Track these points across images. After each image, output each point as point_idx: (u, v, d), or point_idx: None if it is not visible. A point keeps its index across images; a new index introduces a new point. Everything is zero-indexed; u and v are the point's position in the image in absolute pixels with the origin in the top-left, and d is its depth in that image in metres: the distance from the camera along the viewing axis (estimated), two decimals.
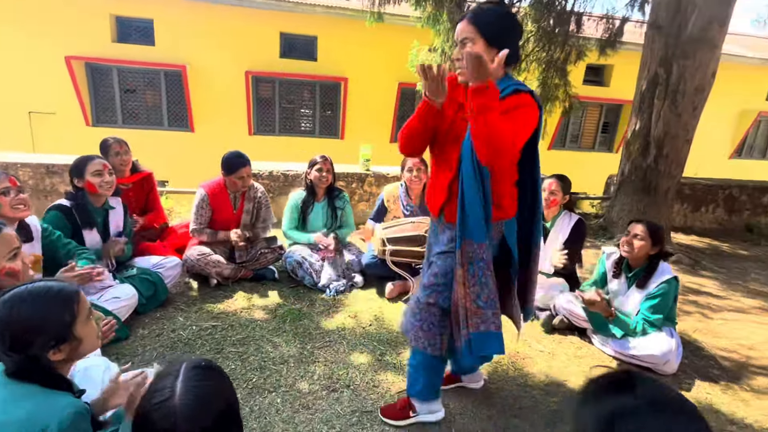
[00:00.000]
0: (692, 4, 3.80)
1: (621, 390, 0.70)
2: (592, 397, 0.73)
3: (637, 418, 0.65)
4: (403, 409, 1.81)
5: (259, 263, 3.03)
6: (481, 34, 1.44)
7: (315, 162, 3.15)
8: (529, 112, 1.46)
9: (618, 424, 0.65)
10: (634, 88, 4.35)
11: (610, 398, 0.69)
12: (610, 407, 0.68)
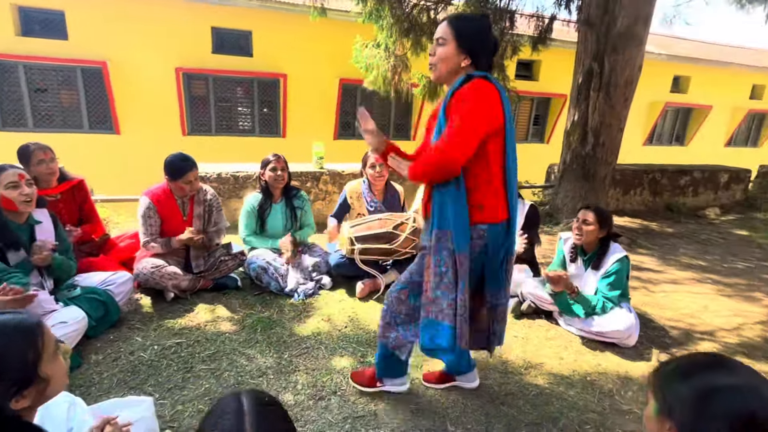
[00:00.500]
0: (619, 4, 4.11)
1: (713, 368, 0.80)
2: (684, 376, 0.82)
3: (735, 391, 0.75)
4: (371, 378, 1.93)
5: (219, 272, 2.84)
6: (455, 38, 1.53)
7: (268, 161, 3.01)
8: (478, 96, 1.46)
9: (714, 397, 0.76)
10: (561, 82, 4.65)
11: (705, 375, 0.79)
12: (707, 383, 0.78)
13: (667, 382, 0.84)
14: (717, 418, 0.74)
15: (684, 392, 0.79)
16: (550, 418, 1.86)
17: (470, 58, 1.53)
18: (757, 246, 4.71)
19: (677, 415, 0.79)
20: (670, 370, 0.85)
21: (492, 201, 1.57)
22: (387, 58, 6.20)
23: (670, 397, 0.81)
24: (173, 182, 2.63)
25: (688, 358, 0.89)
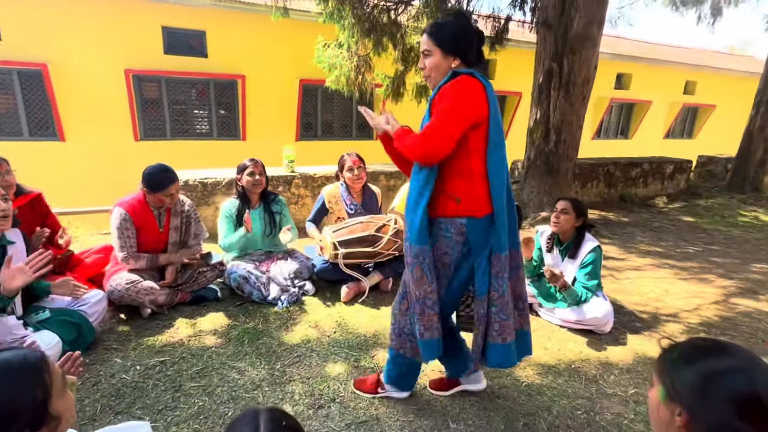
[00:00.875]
0: (575, 7, 4.31)
1: (714, 352, 0.84)
2: (688, 362, 0.84)
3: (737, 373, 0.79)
4: (373, 384, 1.95)
5: (198, 284, 2.74)
6: (438, 46, 1.59)
7: (245, 166, 2.93)
8: (461, 90, 1.49)
9: (719, 381, 0.79)
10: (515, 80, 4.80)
11: (708, 360, 0.83)
12: (711, 367, 0.81)
13: (673, 369, 0.87)
14: (723, 399, 0.78)
15: (690, 378, 0.83)
16: (544, 407, 1.93)
17: (458, 58, 1.58)
18: (702, 231, 5.11)
19: (686, 400, 0.82)
20: (674, 358, 0.89)
21: (472, 194, 1.57)
22: (350, 58, 6.19)
23: (677, 384, 0.85)
24: (153, 194, 2.51)
25: (690, 344, 0.92)
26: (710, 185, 7.33)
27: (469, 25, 1.60)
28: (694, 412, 0.81)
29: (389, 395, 1.93)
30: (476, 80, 1.52)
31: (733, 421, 0.76)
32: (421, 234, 1.56)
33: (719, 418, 0.78)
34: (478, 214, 1.57)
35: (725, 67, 14.21)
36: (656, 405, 0.90)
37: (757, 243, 4.72)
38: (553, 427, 1.82)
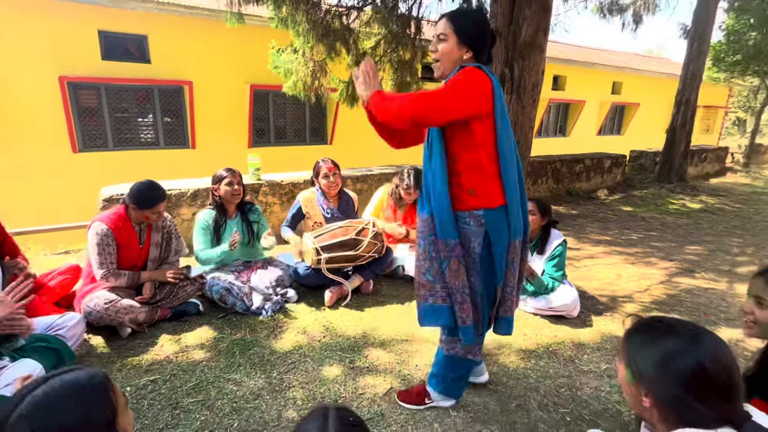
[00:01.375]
0: (522, 16, 4.61)
1: (664, 334, 0.94)
2: (644, 346, 0.95)
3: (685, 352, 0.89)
4: (419, 395, 1.94)
5: (178, 299, 2.67)
6: (455, 32, 1.58)
7: (222, 176, 2.90)
8: (466, 79, 1.51)
9: (671, 362, 0.90)
10: None
11: (659, 343, 0.93)
12: (662, 350, 0.92)
13: (633, 354, 0.97)
14: (676, 379, 0.88)
15: (647, 362, 0.93)
16: (532, 388, 2.10)
17: (471, 50, 1.58)
18: (641, 219, 5.63)
19: (646, 382, 0.93)
20: (634, 343, 0.99)
21: (486, 186, 1.60)
22: (306, 63, 6.19)
23: (637, 367, 0.95)
24: (140, 211, 2.43)
25: (647, 327, 1.00)
26: (642, 177, 8.06)
27: (487, 24, 1.62)
28: (655, 393, 0.92)
29: (436, 404, 1.93)
30: (484, 73, 1.54)
31: (687, 396, 0.87)
32: (452, 228, 1.60)
33: (680, 398, 0.88)
34: (493, 204, 1.61)
35: (646, 68, 15.59)
36: (625, 384, 1.00)
37: (687, 227, 5.28)
38: (542, 406, 1.98)
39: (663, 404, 0.92)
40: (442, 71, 1.64)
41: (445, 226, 1.60)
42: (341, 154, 10.28)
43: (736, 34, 9.26)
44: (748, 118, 26.62)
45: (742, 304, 1.41)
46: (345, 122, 10.27)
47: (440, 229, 1.61)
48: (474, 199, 1.61)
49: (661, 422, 0.95)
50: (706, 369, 0.87)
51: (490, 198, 1.61)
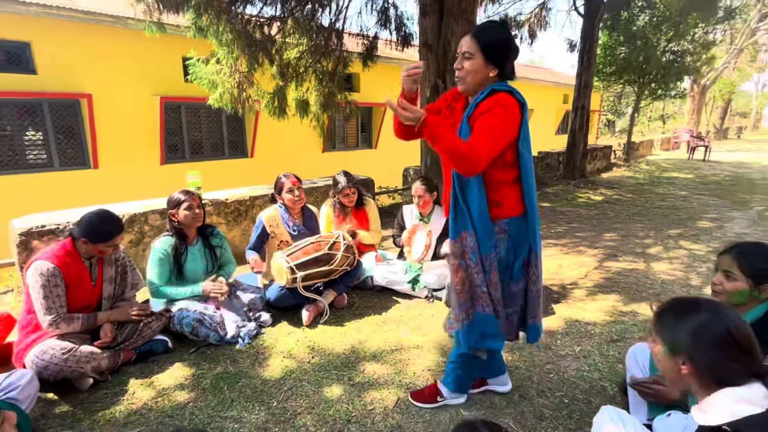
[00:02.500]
0: (451, 31, 4.91)
1: (693, 309, 1.12)
2: (678, 322, 1.12)
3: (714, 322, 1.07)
4: (431, 395, 2.02)
5: (143, 337, 2.39)
6: (481, 51, 1.58)
7: (179, 200, 2.67)
8: (505, 110, 1.55)
9: (704, 331, 1.07)
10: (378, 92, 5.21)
11: (690, 317, 1.10)
12: (694, 322, 1.09)
13: (667, 331, 1.14)
14: (709, 343, 1.07)
15: (683, 334, 1.10)
16: (526, 378, 2.26)
17: (497, 68, 1.60)
18: (560, 213, 6.27)
19: (684, 350, 1.10)
20: (667, 321, 1.16)
21: (509, 197, 1.69)
22: (231, 74, 5.93)
23: (674, 340, 1.12)
24: (93, 245, 2.12)
25: (673, 307, 1.18)
26: (550, 175, 8.97)
27: (512, 39, 1.62)
28: (693, 359, 1.08)
29: (447, 402, 2.01)
30: (515, 100, 1.58)
31: (723, 359, 1.05)
32: (491, 244, 1.68)
33: (714, 360, 1.06)
34: (516, 213, 1.70)
35: (536, 77, 17.38)
36: (661, 357, 1.16)
37: (598, 218, 6.01)
38: (540, 393, 2.14)
39: (701, 369, 1.08)
40: (465, 88, 1.66)
41: (485, 242, 1.67)
42: (264, 167, 10.05)
43: (610, 48, 10.76)
44: (615, 119, 30.84)
45: (713, 277, 1.66)
46: (266, 134, 9.96)
47: (482, 245, 1.68)
48: (499, 210, 1.69)
49: (700, 388, 1.11)
50: (733, 333, 1.05)
51: (513, 207, 1.70)
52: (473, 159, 1.50)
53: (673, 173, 10.77)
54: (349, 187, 3.40)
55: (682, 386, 1.19)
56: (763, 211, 6.22)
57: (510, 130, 1.58)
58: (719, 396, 1.06)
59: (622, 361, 2.39)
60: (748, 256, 1.62)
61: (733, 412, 1.03)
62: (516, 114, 1.57)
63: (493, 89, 1.59)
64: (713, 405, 1.08)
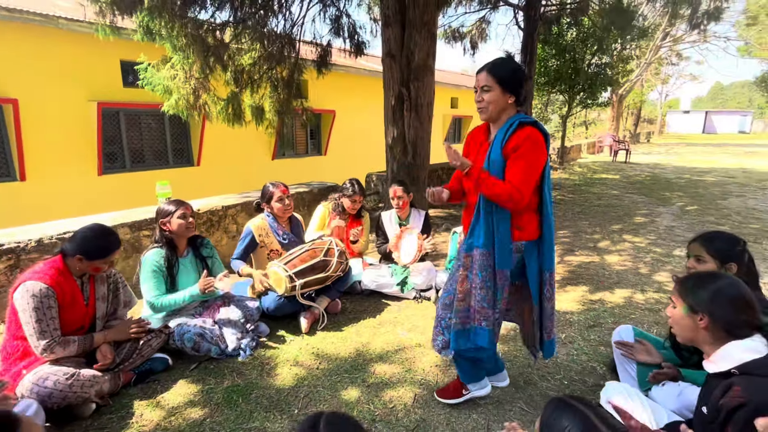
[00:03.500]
0: (413, 42, 5.11)
1: (714, 277, 1.38)
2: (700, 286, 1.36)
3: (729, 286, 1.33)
4: (456, 390, 2.12)
5: (142, 356, 2.28)
6: (498, 83, 1.79)
7: (171, 211, 2.56)
8: (535, 146, 1.75)
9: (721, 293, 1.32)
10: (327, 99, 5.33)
11: (711, 282, 1.36)
12: (714, 286, 1.34)
13: (691, 292, 1.39)
14: (727, 302, 1.32)
15: (704, 295, 1.36)
16: (525, 365, 2.44)
17: (513, 95, 1.80)
18: None
19: (704, 308, 1.34)
20: (690, 285, 1.41)
21: (529, 223, 1.85)
22: (187, 80, 5.71)
23: (695, 300, 1.37)
24: (88, 262, 1.99)
25: (696, 275, 1.46)
26: None
27: (522, 69, 1.84)
28: (712, 314, 1.33)
29: (474, 395, 2.11)
30: (541, 134, 1.77)
31: (736, 314, 1.31)
32: (509, 260, 1.83)
33: (729, 314, 1.31)
34: (533, 237, 1.87)
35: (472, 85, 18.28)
36: (680, 317, 1.40)
37: None
38: (541, 377, 2.34)
39: (717, 322, 1.31)
40: (488, 116, 1.84)
41: (504, 258, 1.82)
42: (211, 176, 9.71)
43: (543, 60, 11.64)
44: None
45: (687, 263, 1.94)
46: (213, 142, 9.62)
47: (499, 261, 1.82)
48: (519, 233, 1.84)
49: (712, 340, 1.35)
50: (744, 294, 1.31)
51: (531, 232, 1.87)
52: (518, 200, 1.72)
53: (602, 174, 11.84)
54: (359, 194, 3.46)
55: (693, 341, 1.41)
56: (684, 206, 7.08)
57: (541, 164, 1.78)
58: (728, 347, 1.30)
59: (604, 344, 2.67)
60: (713, 241, 1.91)
61: (740, 359, 1.27)
62: (544, 149, 1.78)
63: (521, 122, 1.77)
64: (723, 355, 1.32)
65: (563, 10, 10.15)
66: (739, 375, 1.25)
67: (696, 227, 5.66)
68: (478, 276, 1.85)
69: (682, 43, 22.40)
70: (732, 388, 1.23)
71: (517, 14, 9.00)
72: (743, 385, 1.20)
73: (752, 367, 1.23)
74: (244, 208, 4.33)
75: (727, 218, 6.13)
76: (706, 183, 9.68)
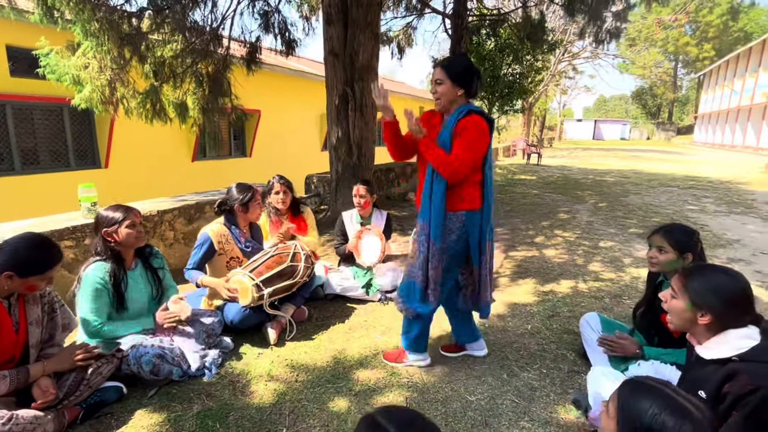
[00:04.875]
0: (357, 41, 5.05)
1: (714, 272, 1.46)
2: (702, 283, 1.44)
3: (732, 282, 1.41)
4: (399, 356, 2.42)
5: (91, 387, 1.94)
6: (449, 77, 2.03)
7: (117, 219, 2.21)
8: (478, 128, 2.00)
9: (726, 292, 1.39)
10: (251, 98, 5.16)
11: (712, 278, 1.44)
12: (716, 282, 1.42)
13: (693, 288, 1.45)
14: (728, 297, 1.39)
15: (706, 292, 1.42)
16: (503, 358, 2.50)
17: (463, 89, 2.04)
18: None
19: (706, 304, 1.41)
20: (693, 281, 1.47)
21: (472, 194, 2.09)
22: (102, 70, 5.08)
23: (697, 296, 1.43)
24: (21, 279, 1.63)
25: (697, 270, 1.47)
26: None
27: (473, 65, 2.08)
28: (713, 312, 1.40)
29: (411, 363, 2.38)
30: (483, 120, 2.03)
31: (738, 313, 1.39)
32: (440, 233, 2.05)
33: (731, 314, 1.39)
34: (474, 207, 2.10)
35: (403, 91, 18.68)
36: (682, 309, 1.46)
37: None
38: (520, 367, 2.40)
39: (717, 317, 1.41)
40: (441, 106, 2.09)
41: (435, 231, 2.05)
42: (122, 180, 8.78)
43: None
44: None
45: (648, 253, 2.12)
46: (124, 141, 8.69)
47: (433, 233, 2.05)
48: (463, 203, 2.08)
49: (707, 332, 1.44)
50: (745, 290, 1.41)
51: (473, 203, 2.10)
52: (455, 168, 1.97)
53: (521, 176, 12.75)
54: (281, 184, 3.28)
55: (687, 330, 1.51)
56: (596, 203, 7.86)
57: (483, 145, 2.03)
58: (729, 335, 1.40)
59: (566, 332, 2.84)
60: (673, 233, 2.11)
61: (738, 346, 1.37)
62: (486, 133, 2.04)
63: (470, 110, 2.01)
64: (721, 342, 1.41)
65: (483, 20, 10.79)
66: (740, 362, 1.35)
67: (610, 222, 6.31)
68: (423, 244, 2.08)
69: (578, 58, 25.13)
70: (738, 376, 1.32)
71: (445, 22, 9.36)
72: (751, 373, 1.30)
73: (753, 354, 1.34)
74: (182, 212, 3.93)
75: (633, 213, 6.93)
76: (608, 183, 10.87)
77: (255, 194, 2.82)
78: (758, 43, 24.29)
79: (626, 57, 27.59)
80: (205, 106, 6.48)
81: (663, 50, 37.32)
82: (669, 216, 6.66)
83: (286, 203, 3.35)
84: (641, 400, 0.97)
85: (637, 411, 0.96)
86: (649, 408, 0.95)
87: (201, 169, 10.78)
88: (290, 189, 3.36)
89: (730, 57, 28.44)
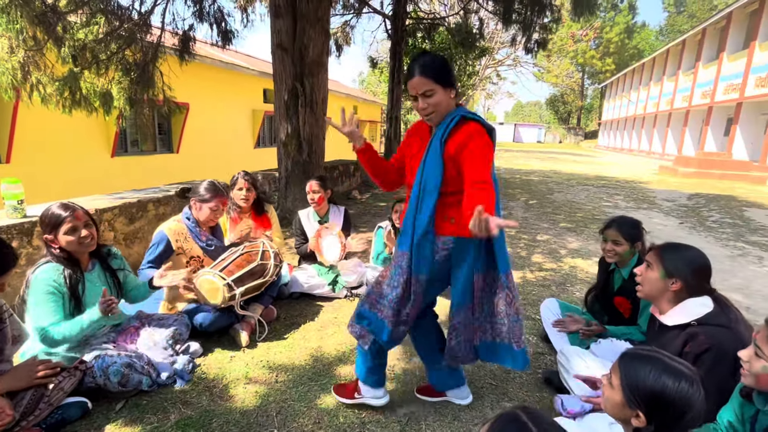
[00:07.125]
0: (307, 36, 4.96)
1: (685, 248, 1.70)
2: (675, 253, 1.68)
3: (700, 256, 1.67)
4: (351, 390, 2.01)
5: (51, 405, 1.73)
6: (437, 83, 1.68)
7: (57, 221, 1.94)
8: (484, 140, 1.67)
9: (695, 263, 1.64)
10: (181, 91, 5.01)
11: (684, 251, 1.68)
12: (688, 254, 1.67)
13: (667, 258, 1.68)
14: (697, 268, 1.64)
15: (679, 262, 1.66)
16: None
17: (452, 88, 1.71)
18: None
19: (678, 273, 1.64)
20: (667, 252, 1.70)
21: (463, 218, 1.60)
22: (14, 51, 4.52)
23: (672, 266, 1.66)
24: None
25: (671, 246, 1.71)
26: None
27: (447, 60, 1.74)
28: (685, 280, 1.64)
29: (366, 402, 1.98)
30: (486, 132, 1.70)
31: (702, 281, 1.64)
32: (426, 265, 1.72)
33: (697, 281, 1.63)
34: (464, 233, 1.65)
35: (338, 89, 18.53)
36: (655, 279, 1.68)
37: None
38: None
39: (687, 285, 1.63)
40: (438, 119, 1.74)
41: (418, 264, 1.71)
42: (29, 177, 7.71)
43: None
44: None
45: (605, 246, 2.36)
46: (29, 134, 7.76)
47: (414, 266, 1.71)
48: (451, 227, 1.72)
49: (673, 299, 1.67)
50: (708, 263, 1.66)
51: (463, 227, 1.57)
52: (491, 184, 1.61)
53: None
54: (245, 180, 3.14)
55: (654, 298, 1.73)
56: (527, 200, 8.46)
57: (491, 156, 1.68)
58: (687, 304, 1.64)
59: (528, 318, 3.05)
60: (623, 226, 2.37)
61: (696, 313, 1.61)
62: (490, 141, 1.71)
63: (464, 117, 1.71)
64: (681, 311, 1.65)
65: (419, 24, 11.11)
66: (698, 326, 1.59)
67: (542, 217, 6.83)
68: (395, 275, 1.76)
69: (502, 65, 26.78)
70: (696, 338, 1.55)
71: (385, 22, 9.49)
72: (707, 334, 1.53)
73: (708, 319, 1.58)
74: (122, 211, 3.60)
75: (560, 209, 7.56)
76: (534, 182, 11.73)
77: (216, 198, 2.63)
78: (649, 60, 27.64)
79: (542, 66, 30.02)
80: (132, 97, 6.00)
81: (574, 61, 40.99)
82: (590, 212, 7.36)
83: (249, 200, 3.20)
84: (641, 367, 1.10)
85: (640, 377, 1.09)
86: (650, 372, 1.08)
87: (123, 165, 9.90)
88: (255, 186, 3.22)
89: (627, 71, 32.03)
